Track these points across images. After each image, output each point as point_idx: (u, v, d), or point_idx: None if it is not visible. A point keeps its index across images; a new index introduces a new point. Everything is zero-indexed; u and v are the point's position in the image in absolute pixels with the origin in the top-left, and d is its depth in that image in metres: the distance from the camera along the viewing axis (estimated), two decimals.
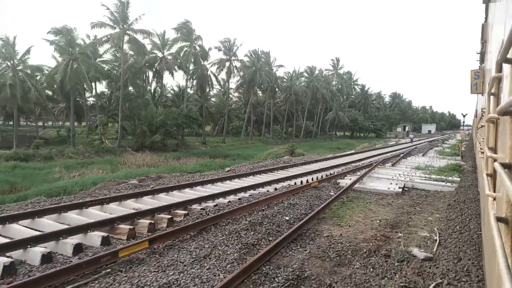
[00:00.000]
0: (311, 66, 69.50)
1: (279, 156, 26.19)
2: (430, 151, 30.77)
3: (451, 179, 14.43)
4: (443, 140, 56.35)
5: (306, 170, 15.14)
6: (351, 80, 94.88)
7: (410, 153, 27.63)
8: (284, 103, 70.59)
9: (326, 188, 11.79)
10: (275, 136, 58.92)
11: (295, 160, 19.48)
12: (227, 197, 8.95)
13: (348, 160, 20.44)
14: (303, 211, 8.45)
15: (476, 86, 13.07)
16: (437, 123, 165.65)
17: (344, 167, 17.26)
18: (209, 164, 22.37)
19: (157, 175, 17.25)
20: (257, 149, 40.70)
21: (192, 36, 42.95)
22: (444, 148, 35.94)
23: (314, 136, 77.89)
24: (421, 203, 10.61)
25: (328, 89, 75.00)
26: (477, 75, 13.05)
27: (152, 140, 33.99)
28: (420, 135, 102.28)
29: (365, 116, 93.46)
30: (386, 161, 20.38)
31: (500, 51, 1.54)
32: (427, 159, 23.31)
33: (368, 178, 13.90)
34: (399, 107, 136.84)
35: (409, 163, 20.18)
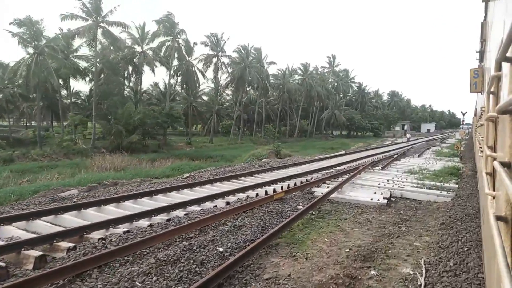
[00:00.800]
0: (305, 63, 67.52)
1: (262, 157, 24.23)
2: (427, 152, 28.84)
3: (448, 186, 12.49)
4: (442, 140, 54.49)
5: (280, 175, 13.17)
6: (347, 78, 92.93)
7: (405, 153, 25.69)
8: (277, 101, 68.65)
9: (295, 200, 9.82)
10: (267, 135, 56.88)
11: (274, 163, 17.50)
12: (153, 217, 6.98)
13: (335, 162, 18.48)
14: (249, 237, 6.47)
15: (475, 85, 13.06)
16: (436, 122, 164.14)
17: (326, 171, 15.30)
18: (182, 168, 20.38)
19: (113, 181, 15.29)
20: (245, 149, 38.71)
21: (175, 30, 40.81)
22: (442, 148, 34.03)
23: (310, 136, 75.94)
24: (408, 219, 8.65)
25: (323, 87, 73.05)
26: (476, 73, 13.05)
27: (129, 140, 31.95)
28: (419, 134, 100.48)
29: (362, 115, 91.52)
30: (376, 163, 18.44)
31: (499, 50, 1.59)
32: (423, 160, 21.37)
33: (350, 185, 11.93)
34: (398, 106, 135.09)
35: (401, 165, 18.23)
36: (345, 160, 19.95)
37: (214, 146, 43.41)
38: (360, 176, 13.86)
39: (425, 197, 10.86)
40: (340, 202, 10.24)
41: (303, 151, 41.74)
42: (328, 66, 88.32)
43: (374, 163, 18.21)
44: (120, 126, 31.89)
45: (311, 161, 18.98)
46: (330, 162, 18.91)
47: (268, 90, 58.43)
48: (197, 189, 10.08)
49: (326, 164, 17.63)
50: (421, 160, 21.43)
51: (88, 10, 33.11)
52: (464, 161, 22.16)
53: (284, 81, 60.60)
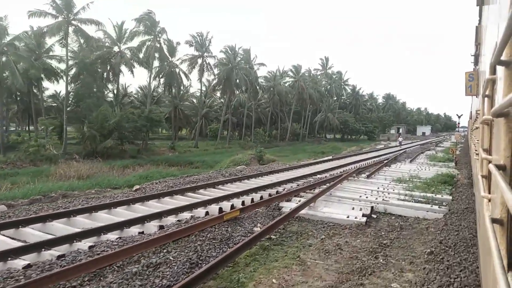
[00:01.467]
0: (297, 64, 66.05)
1: (242, 163, 22.54)
2: (420, 156, 27.29)
3: (440, 197, 10.87)
4: (437, 143, 53.16)
5: (248, 186, 11.50)
6: (341, 80, 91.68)
7: (396, 158, 24.13)
8: (269, 104, 67.11)
9: (254, 219, 8.14)
10: (257, 139, 55.20)
11: (249, 171, 15.80)
12: (43, 251, 5.25)
13: (319, 169, 16.85)
14: (166, 281, 4.75)
15: (470, 88, 13.14)
16: (432, 125, 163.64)
17: (305, 180, 13.64)
18: (151, 175, 18.64)
19: (62, 193, 13.57)
20: (231, 154, 36.96)
21: (155, 29, 39.08)
22: (436, 152, 32.52)
23: (302, 139, 74.40)
24: (389, 244, 6.99)
25: (316, 89, 71.65)
26: (471, 77, 13.12)
27: (104, 145, 30.09)
28: (415, 137, 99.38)
29: (356, 118, 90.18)
30: (363, 170, 16.83)
31: (493, 53, 1.65)
32: (415, 166, 19.78)
33: (327, 198, 10.26)
34: (393, 109, 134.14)
35: (390, 172, 16.61)
36: (330, 166, 18.31)
37: (199, 151, 41.63)
38: (341, 186, 12.20)
39: (413, 212, 9.21)
40: (310, 220, 8.59)
41: (292, 155, 40.14)
42: (321, 68, 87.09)
43: (361, 170, 16.59)
44: (94, 130, 30.05)
45: (292, 168, 17.30)
46: (314, 169, 17.25)
47: (257, 92, 56.78)
48: (136, 207, 8.35)
49: (308, 171, 15.97)
50: (412, 166, 19.84)
51: (58, 6, 31.35)
52: (460, 166, 20.61)
53: (275, 83, 58.97)
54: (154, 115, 35.33)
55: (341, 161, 22.47)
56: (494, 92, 2.23)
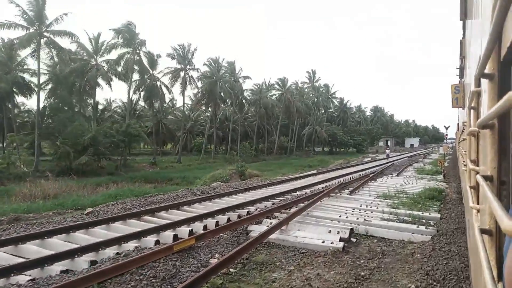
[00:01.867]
0: (283, 77, 65.69)
1: (222, 179, 21.41)
2: (408, 169, 26.56)
3: (428, 215, 9.95)
4: (425, 155, 52.88)
5: (218, 206, 10.42)
6: (328, 93, 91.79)
7: (383, 172, 23.30)
8: (256, 117, 66.39)
9: (212, 248, 7.04)
10: (243, 153, 54.08)
11: (223, 189, 14.70)
12: None
13: (300, 185, 15.88)
14: None
15: (456, 100, 13.36)
16: (420, 136, 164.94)
17: (283, 197, 12.60)
18: (122, 194, 17.34)
19: (15, 216, 12.25)
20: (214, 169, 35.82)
21: (135, 41, 38.11)
22: (424, 164, 31.93)
23: (290, 153, 73.56)
24: (368, 277, 5.97)
25: (303, 102, 71.26)
26: (457, 89, 13.34)
27: (78, 162, 28.64)
28: (403, 149, 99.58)
29: (344, 131, 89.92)
30: (347, 185, 15.89)
31: (478, 66, 1.69)
32: (401, 180, 18.93)
33: (303, 218, 9.24)
34: (381, 121, 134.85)
35: (376, 187, 15.68)
36: (313, 182, 17.32)
37: (182, 166, 40.30)
38: (320, 204, 11.19)
39: (397, 235, 8.23)
40: (281, 246, 7.54)
41: (278, 170, 39.09)
42: (308, 81, 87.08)
43: (345, 185, 15.65)
44: (68, 146, 28.63)
45: (272, 184, 16.26)
46: (295, 185, 16.24)
47: (243, 105, 56.00)
48: (76, 236, 7.19)
49: (288, 188, 14.95)
50: (399, 180, 18.98)
51: (29, 18, 30.20)
52: (448, 179, 19.86)
53: (261, 96, 58.33)
54: (132, 130, 34.00)
55: (326, 175, 21.53)
56: (479, 104, 2.28)
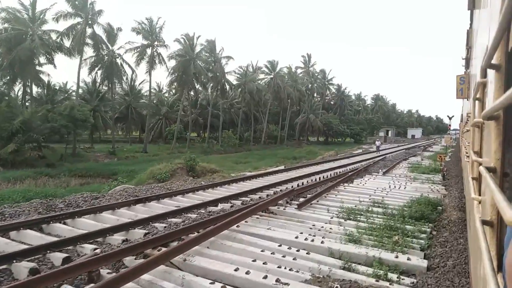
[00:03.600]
0: (273, 60, 60.75)
1: (162, 176, 17.08)
2: (400, 165, 22.14)
3: (405, 262, 5.61)
4: (425, 147, 48.38)
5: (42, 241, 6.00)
6: (325, 79, 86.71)
7: (367, 169, 18.92)
8: (244, 104, 61.80)
9: None
10: (225, 142, 49.70)
11: (125, 195, 10.29)
12: None
13: (240, 190, 11.51)
14: None
15: (461, 91, 13.36)
16: (423, 127, 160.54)
17: (179, 217, 8.20)
18: (10, 196, 13.02)
19: None
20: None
21: (86, 9, 33.16)
22: (422, 159, 27.51)
23: (281, 142, 69.20)
24: None
25: (295, 87, 66.49)
26: (462, 80, 13.26)
27: (4, 151, 24.23)
28: (404, 140, 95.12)
29: (341, 120, 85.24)
30: (309, 189, 11.56)
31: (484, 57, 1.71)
32: (386, 182, 14.53)
33: (164, 273, 4.83)
34: (382, 110, 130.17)
35: (345, 195, 11.33)
36: (268, 183, 13.03)
37: (147, 156, 35.85)
38: (229, 234, 6.80)
39: None
40: None
41: (256, 162, 34.78)
42: (303, 66, 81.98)
43: (303, 190, 11.29)
44: None
45: (200, 188, 11.79)
46: (233, 190, 11.86)
47: (225, 90, 51.28)
48: None
49: (216, 196, 10.56)
50: (383, 182, 14.58)
51: None
52: (449, 181, 15.47)
53: (246, 80, 53.57)
54: (78, 114, 29.45)
55: (293, 173, 17.16)
56: (484, 95, 2.28)
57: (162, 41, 40.27)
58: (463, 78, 13.30)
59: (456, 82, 13.64)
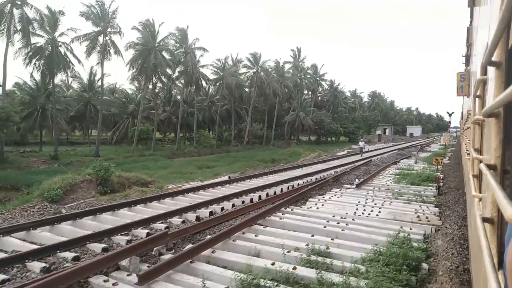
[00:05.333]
0: (255, 52, 56.20)
1: (48, 195, 12.63)
2: (386, 172, 17.77)
3: None
4: (423, 146, 44.06)
5: None
6: (316, 74, 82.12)
7: (338, 179, 14.54)
8: (226, 101, 57.35)
9: None
10: (200, 143, 45.23)
11: None
12: None
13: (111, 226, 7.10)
14: None
15: (462, 89, 13.60)
16: (423, 125, 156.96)
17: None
18: None
19: None
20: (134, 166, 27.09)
21: None
22: (416, 162, 23.16)
23: (267, 142, 64.72)
24: None
25: (282, 83, 62.01)
26: (462, 77, 13.48)
27: None
28: (402, 138, 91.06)
29: (334, 118, 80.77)
30: (214, 225, 7.23)
31: (484, 54, 1.68)
32: (355, 202, 10.19)
33: None
34: (380, 108, 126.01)
35: (274, 231, 7.09)
36: (178, 207, 8.65)
37: (99, 160, 31.21)
38: None
39: None
40: None
41: (225, 167, 30.34)
42: (293, 60, 77.41)
43: (211, 224, 7.03)
44: None
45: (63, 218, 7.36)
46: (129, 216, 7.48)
47: (200, 85, 46.72)
48: None
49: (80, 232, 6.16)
50: (350, 202, 10.20)
51: None
52: (446, 198, 11.10)
53: (224, 74, 49.08)
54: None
55: (235, 186, 12.78)
56: (485, 93, 2.31)
57: (117, 28, 35.66)
58: (463, 76, 13.28)
59: (456, 79, 13.66)
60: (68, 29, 33.05)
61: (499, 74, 1.52)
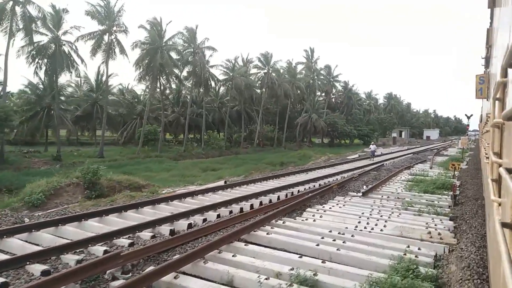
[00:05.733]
0: (266, 52, 55.21)
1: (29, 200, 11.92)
2: (398, 177, 16.54)
3: None
4: (439, 150, 42.30)
5: None
6: (330, 75, 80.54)
7: (344, 185, 13.47)
8: (237, 102, 56.55)
9: None
10: (208, 145, 44.45)
11: None
12: None
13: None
14: None
15: (481, 91, 13.30)
16: (441, 128, 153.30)
17: None
18: None
19: None
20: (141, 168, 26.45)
21: None
22: (431, 167, 21.80)
23: (278, 144, 63.57)
24: None
25: (293, 84, 60.85)
26: (482, 80, 13.31)
27: None
28: (419, 142, 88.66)
29: (347, 120, 79.08)
30: (186, 242, 6.32)
31: (505, 56, 1.69)
32: (359, 213, 9.17)
33: None
34: (396, 110, 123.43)
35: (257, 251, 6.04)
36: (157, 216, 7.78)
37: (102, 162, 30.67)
38: None
39: None
40: None
41: (231, 169, 29.46)
42: (306, 61, 76.08)
43: (181, 241, 6.06)
44: None
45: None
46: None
47: (209, 85, 45.94)
48: None
49: None
50: (353, 213, 9.18)
51: None
52: (463, 209, 9.93)
53: (234, 74, 48.26)
54: None
55: (229, 193, 11.85)
56: (505, 95, 2.29)
57: (122, 26, 35.14)
58: (483, 78, 13.11)
59: (475, 81, 13.43)
60: (71, 27, 32.79)
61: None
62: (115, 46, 35.36)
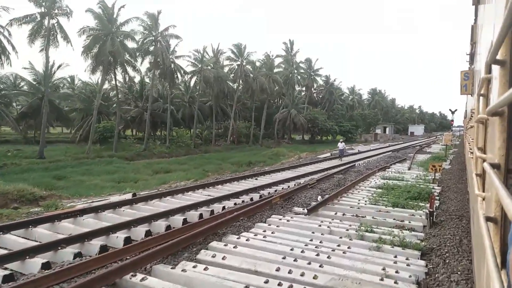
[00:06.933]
0: (239, 43, 51.87)
1: None
2: (366, 183, 13.59)
3: None
4: (422, 147, 39.93)
5: None
6: (310, 69, 77.71)
7: (291, 197, 10.37)
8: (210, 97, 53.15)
9: None
10: (175, 143, 41.03)
11: None
12: None
13: None
14: None
15: (465, 87, 13.57)
16: (426, 124, 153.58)
17: None
18: None
19: None
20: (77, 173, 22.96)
21: None
22: (410, 167, 19.05)
23: (254, 141, 60.51)
24: None
25: (270, 77, 57.77)
26: (466, 76, 13.50)
27: None
28: (403, 138, 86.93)
29: (329, 115, 76.51)
30: None
31: (489, 52, 1.69)
32: (287, 249, 5.94)
33: None
34: (380, 106, 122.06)
35: None
36: None
37: (42, 163, 26.93)
38: None
39: None
40: None
41: (194, 169, 26.26)
42: (286, 54, 73.04)
43: None
44: None
45: None
46: None
47: (174, 77, 42.42)
48: None
49: None
50: (277, 250, 6.03)
51: None
52: (441, 231, 7.00)
53: (202, 66, 44.85)
54: None
55: (113, 217, 8.66)
56: (489, 91, 2.31)
57: (66, 9, 31.09)
58: (467, 74, 13.24)
59: (460, 78, 13.77)
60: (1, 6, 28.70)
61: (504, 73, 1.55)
62: (57, 32, 31.52)
